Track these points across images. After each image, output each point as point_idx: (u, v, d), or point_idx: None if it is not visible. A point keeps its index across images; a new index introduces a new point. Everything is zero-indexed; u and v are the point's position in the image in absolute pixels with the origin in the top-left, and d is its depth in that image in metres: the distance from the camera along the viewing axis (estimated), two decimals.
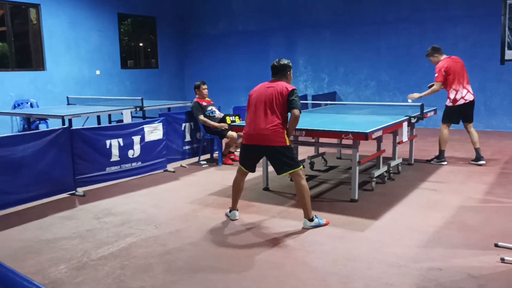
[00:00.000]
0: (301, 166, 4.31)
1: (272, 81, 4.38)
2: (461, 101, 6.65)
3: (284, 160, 4.22)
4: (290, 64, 4.43)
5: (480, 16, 9.88)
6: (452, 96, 6.67)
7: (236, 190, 4.57)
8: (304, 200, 4.26)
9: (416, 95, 6.85)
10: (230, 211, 4.65)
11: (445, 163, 6.87)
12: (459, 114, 6.77)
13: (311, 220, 4.29)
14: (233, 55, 13.15)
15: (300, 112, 4.22)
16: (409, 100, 6.89)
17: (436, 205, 4.95)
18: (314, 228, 4.28)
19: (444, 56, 6.77)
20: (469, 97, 6.68)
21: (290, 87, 4.25)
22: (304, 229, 4.27)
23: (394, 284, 3.19)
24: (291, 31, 12.24)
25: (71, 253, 3.84)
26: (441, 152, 6.90)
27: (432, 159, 7.01)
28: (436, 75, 6.68)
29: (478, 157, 6.75)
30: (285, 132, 4.24)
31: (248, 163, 4.44)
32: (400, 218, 4.56)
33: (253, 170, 4.48)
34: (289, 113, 4.29)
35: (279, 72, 4.38)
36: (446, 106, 6.80)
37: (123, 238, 4.16)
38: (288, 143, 4.24)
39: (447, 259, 3.57)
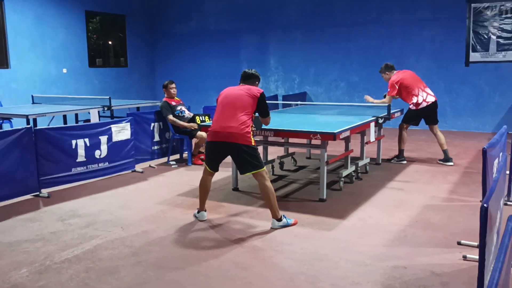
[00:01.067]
0: (265, 167, 4.33)
1: (241, 85, 4.51)
2: (424, 104, 6.81)
3: (248, 159, 4.23)
4: (260, 77, 4.66)
5: (446, 19, 10.12)
6: (414, 100, 6.84)
7: (203, 190, 4.54)
8: (270, 201, 4.28)
9: (370, 99, 7.11)
10: (198, 212, 4.62)
11: (405, 162, 7.05)
12: (421, 117, 6.96)
13: (279, 220, 4.31)
14: (204, 55, 13.06)
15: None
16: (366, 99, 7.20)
17: (402, 204, 5.04)
18: (283, 228, 4.29)
19: (394, 72, 6.97)
20: (431, 98, 6.85)
21: (259, 90, 4.37)
22: (273, 229, 4.28)
23: (360, 283, 3.23)
24: (263, 31, 12.24)
25: (33, 256, 3.74)
26: (401, 151, 7.08)
27: (392, 158, 7.17)
28: (389, 89, 6.86)
29: (447, 159, 6.91)
30: (252, 132, 4.29)
31: (212, 162, 4.43)
32: (367, 217, 4.62)
33: (216, 170, 4.48)
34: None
35: (249, 79, 4.54)
36: (409, 109, 6.98)
37: (88, 240, 4.08)
38: (253, 143, 4.26)
39: (411, 257, 3.64)
